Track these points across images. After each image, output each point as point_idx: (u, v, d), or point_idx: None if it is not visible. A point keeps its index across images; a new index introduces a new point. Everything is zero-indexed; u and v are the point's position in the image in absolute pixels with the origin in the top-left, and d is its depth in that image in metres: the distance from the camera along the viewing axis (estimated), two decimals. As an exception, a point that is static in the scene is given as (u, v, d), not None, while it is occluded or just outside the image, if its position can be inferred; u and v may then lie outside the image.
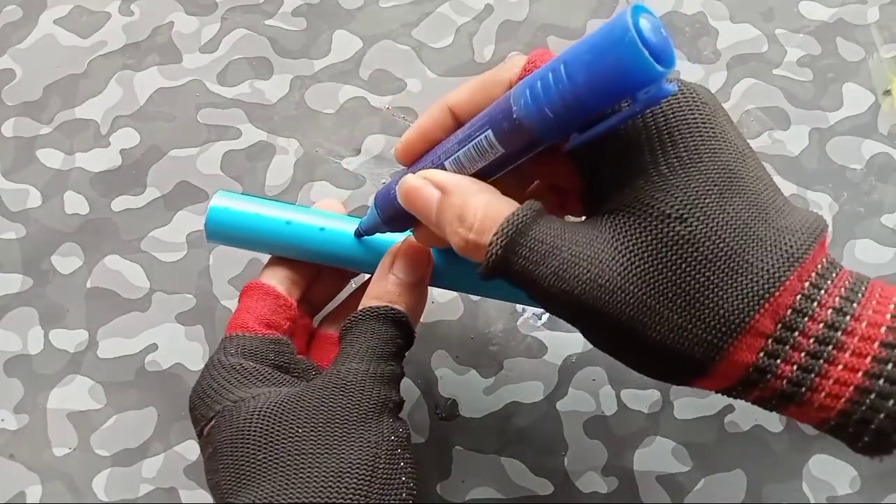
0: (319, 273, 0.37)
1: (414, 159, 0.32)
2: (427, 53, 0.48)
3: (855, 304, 0.25)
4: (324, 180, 0.45)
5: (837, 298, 0.25)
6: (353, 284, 0.39)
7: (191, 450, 0.39)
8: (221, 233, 0.35)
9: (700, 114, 0.26)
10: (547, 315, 0.41)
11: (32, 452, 0.39)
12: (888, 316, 0.24)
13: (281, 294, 0.35)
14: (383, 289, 0.33)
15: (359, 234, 0.34)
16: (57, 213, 0.45)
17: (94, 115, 0.47)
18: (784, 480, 0.38)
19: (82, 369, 0.41)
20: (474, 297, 0.42)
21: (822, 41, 0.48)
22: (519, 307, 0.42)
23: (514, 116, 0.26)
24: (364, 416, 0.30)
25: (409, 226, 0.32)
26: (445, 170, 0.29)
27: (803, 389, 0.25)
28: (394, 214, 0.31)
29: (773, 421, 0.39)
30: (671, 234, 0.25)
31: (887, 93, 0.45)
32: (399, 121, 0.46)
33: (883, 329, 0.24)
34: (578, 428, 0.39)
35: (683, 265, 0.25)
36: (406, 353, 0.33)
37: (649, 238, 0.26)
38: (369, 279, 0.34)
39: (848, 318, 0.24)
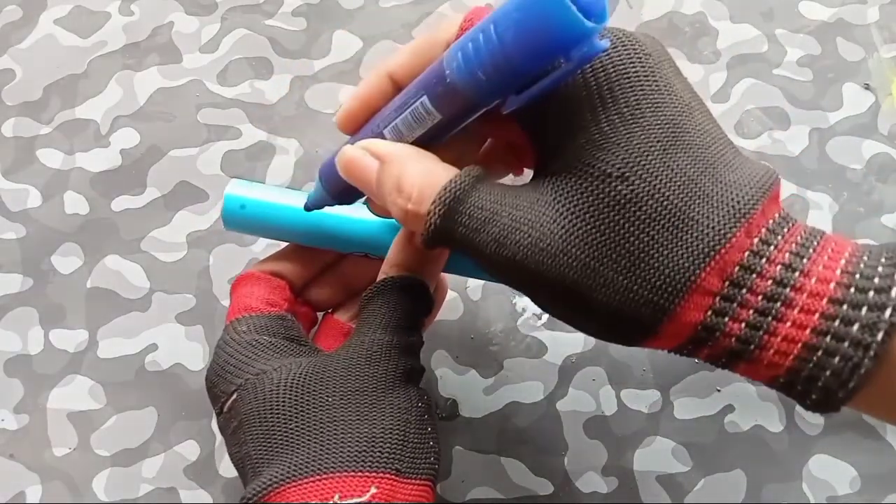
0: (320, 276, 0.37)
1: (356, 128, 0.31)
2: (427, 53, 0.48)
3: (805, 260, 0.24)
4: (324, 180, 0.45)
5: (787, 254, 0.24)
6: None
7: (191, 450, 0.39)
8: (238, 220, 0.35)
9: (642, 66, 0.25)
10: (547, 315, 0.41)
11: (32, 452, 0.39)
12: (838, 272, 0.24)
13: (272, 277, 0.35)
14: (401, 258, 0.33)
15: (307, 209, 0.34)
16: (57, 213, 0.45)
17: (94, 115, 0.47)
18: (784, 480, 0.38)
19: (82, 369, 0.41)
20: (474, 297, 0.42)
21: (822, 41, 0.48)
22: (519, 307, 0.42)
23: (448, 80, 0.25)
24: (392, 384, 0.31)
25: (355, 198, 0.32)
26: (385, 139, 0.29)
27: (752, 347, 0.24)
28: (338, 187, 0.31)
29: (773, 421, 0.39)
30: (612, 193, 0.24)
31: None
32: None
33: (832, 285, 0.23)
34: (578, 428, 0.39)
35: (626, 225, 0.24)
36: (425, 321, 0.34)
37: (590, 199, 0.25)
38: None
39: (797, 273, 0.24)
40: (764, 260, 0.24)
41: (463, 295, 0.42)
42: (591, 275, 0.25)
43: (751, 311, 0.24)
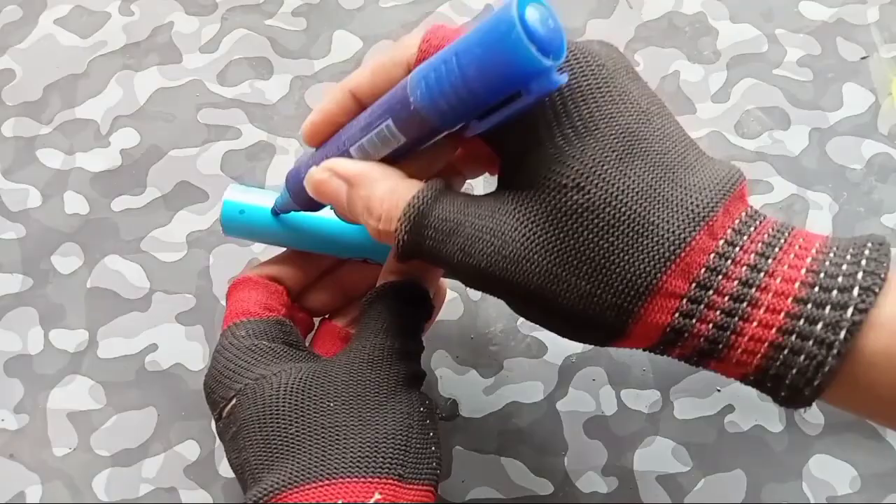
0: (318, 281, 0.37)
1: (320, 142, 0.31)
2: (427, 53, 0.48)
3: (770, 260, 0.24)
4: (324, 180, 0.45)
5: (753, 255, 0.25)
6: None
7: (191, 450, 0.39)
8: (237, 225, 0.35)
9: (596, 79, 0.26)
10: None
11: (32, 452, 0.39)
12: (803, 271, 0.24)
13: (269, 282, 0.35)
14: (401, 263, 0.33)
15: (275, 213, 0.35)
16: (57, 213, 0.45)
17: (94, 115, 0.47)
18: (784, 480, 0.38)
19: (82, 369, 0.41)
20: (474, 297, 0.42)
21: (822, 41, 0.48)
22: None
23: (412, 107, 0.26)
24: (394, 388, 0.31)
25: (320, 206, 0.32)
26: (351, 156, 0.29)
27: (720, 346, 0.25)
28: (304, 195, 0.31)
29: (773, 421, 0.39)
30: (569, 203, 0.25)
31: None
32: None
33: (797, 284, 0.24)
34: (578, 428, 0.39)
35: (585, 233, 0.25)
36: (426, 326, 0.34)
37: (549, 209, 0.26)
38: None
39: (762, 274, 0.24)
40: (729, 262, 0.25)
41: (463, 295, 0.42)
42: (555, 280, 0.26)
43: (718, 312, 0.24)
